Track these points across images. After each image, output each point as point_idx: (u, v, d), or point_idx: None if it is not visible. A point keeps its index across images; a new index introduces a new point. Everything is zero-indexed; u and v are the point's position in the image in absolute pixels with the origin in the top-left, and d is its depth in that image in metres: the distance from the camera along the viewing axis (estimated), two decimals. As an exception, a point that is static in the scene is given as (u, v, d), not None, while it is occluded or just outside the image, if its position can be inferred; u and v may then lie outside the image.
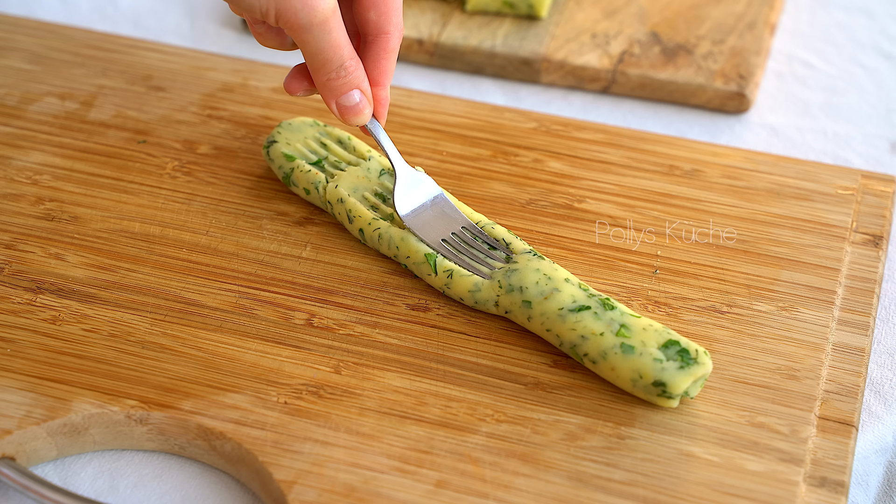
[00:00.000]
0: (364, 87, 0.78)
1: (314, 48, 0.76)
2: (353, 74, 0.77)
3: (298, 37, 0.75)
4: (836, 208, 0.86)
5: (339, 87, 0.78)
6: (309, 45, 0.76)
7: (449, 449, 0.73)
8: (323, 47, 0.75)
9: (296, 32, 0.75)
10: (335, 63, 0.76)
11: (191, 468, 0.75)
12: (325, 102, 0.79)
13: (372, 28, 0.79)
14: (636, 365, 0.74)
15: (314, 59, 0.76)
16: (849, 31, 1.06)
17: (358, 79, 0.78)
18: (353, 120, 0.79)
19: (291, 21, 0.74)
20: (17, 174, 0.88)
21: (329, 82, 0.77)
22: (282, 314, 0.80)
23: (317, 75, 0.77)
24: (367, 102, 0.79)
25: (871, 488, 0.81)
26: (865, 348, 0.79)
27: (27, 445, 0.74)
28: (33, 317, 0.79)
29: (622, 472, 0.72)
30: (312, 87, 0.80)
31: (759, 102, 1.00)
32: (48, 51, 0.98)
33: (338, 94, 0.78)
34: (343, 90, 0.78)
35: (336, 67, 0.77)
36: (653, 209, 0.86)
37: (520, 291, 0.77)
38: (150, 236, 0.84)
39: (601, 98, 1.00)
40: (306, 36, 0.75)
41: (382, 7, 0.78)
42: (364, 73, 0.78)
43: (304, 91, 0.80)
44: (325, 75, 0.77)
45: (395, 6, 0.79)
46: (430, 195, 0.82)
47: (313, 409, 0.75)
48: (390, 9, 0.78)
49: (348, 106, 0.78)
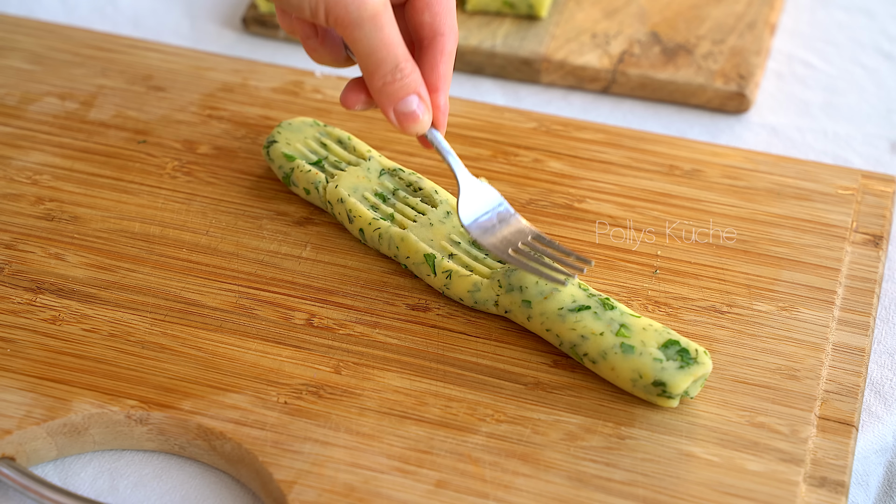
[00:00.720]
0: (422, 93, 0.75)
1: (367, 47, 0.73)
2: (410, 77, 0.74)
3: (349, 34, 0.72)
4: (836, 208, 0.86)
5: (395, 92, 0.74)
6: (361, 44, 0.73)
7: (449, 449, 0.73)
8: (376, 45, 0.73)
9: (346, 29, 0.72)
10: (390, 63, 0.73)
11: (191, 468, 0.75)
12: (383, 111, 0.75)
13: (427, 31, 0.76)
14: (636, 365, 0.74)
15: (368, 59, 0.73)
16: (849, 31, 1.06)
17: (415, 82, 0.75)
18: (411, 128, 0.76)
19: (342, 17, 0.71)
20: (17, 174, 0.88)
21: (385, 87, 0.74)
22: (282, 314, 0.80)
23: (372, 79, 0.74)
24: (425, 109, 0.75)
25: (871, 488, 0.81)
26: (865, 348, 0.79)
27: (27, 445, 0.74)
28: (33, 317, 0.79)
29: (622, 472, 0.72)
30: (369, 99, 0.77)
31: (759, 102, 1.00)
32: (48, 51, 0.97)
33: (395, 100, 0.75)
34: (400, 95, 0.74)
35: (391, 69, 0.73)
36: (653, 209, 0.86)
37: (519, 291, 0.77)
38: (150, 236, 0.84)
39: (601, 98, 1.00)
40: (358, 33, 0.72)
41: (436, 8, 0.76)
42: (421, 78, 0.75)
43: (362, 104, 0.77)
44: (380, 78, 0.74)
45: (450, 7, 0.76)
46: (495, 206, 0.79)
47: (313, 409, 0.75)
48: (444, 9, 0.76)
49: (406, 112, 0.75)
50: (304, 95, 0.94)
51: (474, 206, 0.78)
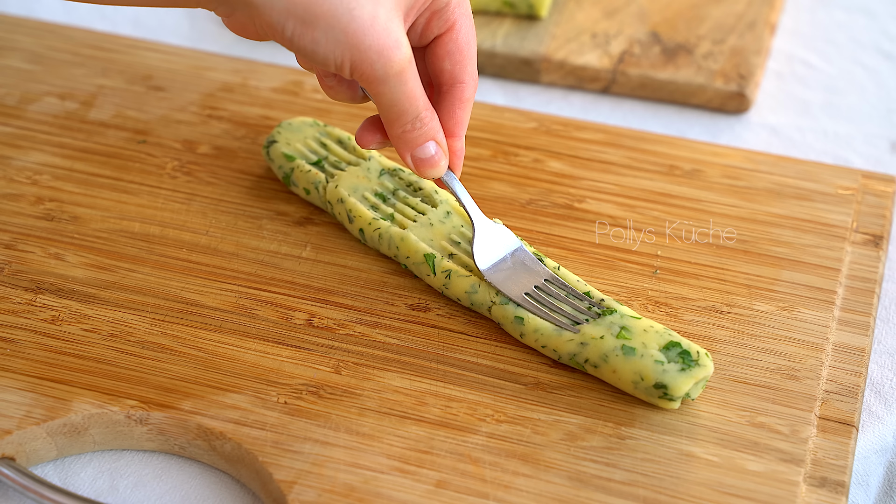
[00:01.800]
0: (440, 139, 0.76)
1: (390, 100, 0.73)
2: (429, 126, 0.75)
3: (374, 89, 0.72)
4: (836, 208, 0.86)
5: (414, 140, 0.75)
6: (384, 98, 0.73)
7: (449, 449, 0.73)
8: (399, 98, 0.73)
9: (371, 84, 0.72)
10: (411, 114, 0.74)
11: (191, 468, 0.75)
12: (400, 155, 0.76)
13: (447, 78, 0.77)
14: (637, 367, 0.74)
15: (389, 111, 0.74)
16: (849, 31, 1.06)
17: (433, 130, 0.75)
18: (428, 173, 0.76)
19: (367, 73, 0.71)
20: (17, 174, 0.88)
21: (404, 134, 0.75)
22: (282, 314, 0.80)
23: (391, 127, 0.75)
24: (442, 154, 0.76)
25: (871, 488, 0.81)
26: (866, 348, 0.79)
27: (27, 445, 0.74)
28: (33, 317, 0.79)
29: (622, 472, 0.72)
30: (385, 140, 0.77)
31: (760, 102, 1.00)
32: (48, 51, 0.97)
33: (413, 147, 0.75)
34: (419, 142, 0.75)
35: (412, 119, 0.74)
36: (653, 209, 0.86)
37: (514, 306, 0.77)
38: (150, 236, 0.84)
39: (601, 98, 1.00)
40: (382, 88, 0.72)
41: (457, 56, 0.76)
42: (439, 125, 0.76)
43: (377, 144, 0.78)
44: (400, 127, 0.75)
45: (470, 55, 0.76)
46: (510, 248, 0.80)
47: (313, 409, 0.74)
48: (465, 58, 0.76)
49: (424, 158, 0.76)
50: (304, 95, 0.94)
51: (489, 249, 0.79)
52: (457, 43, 0.76)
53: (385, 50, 0.70)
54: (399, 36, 0.71)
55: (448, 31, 0.76)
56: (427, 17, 0.75)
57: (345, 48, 0.70)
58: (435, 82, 0.78)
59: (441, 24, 0.75)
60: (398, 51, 0.71)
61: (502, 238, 0.80)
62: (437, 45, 0.76)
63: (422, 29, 0.76)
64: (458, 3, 0.75)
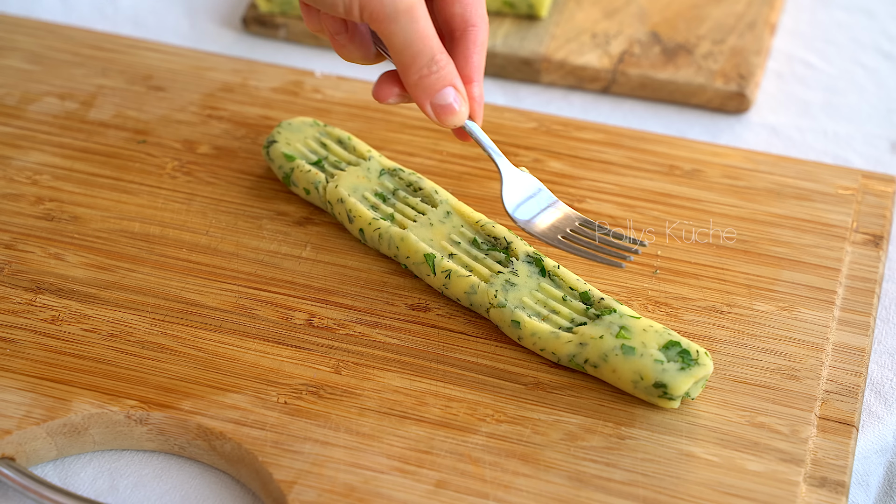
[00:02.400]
0: (458, 84, 0.75)
1: (402, 40, 0.72)
2: (446, 69, 0.74)
3: (384, 28, 0.71)
4: (836, 208, 0.86)
5: (432, 84, 0.74)
6: (397, 38, 0.72)
7: (449, 449, 0.73)
8: (412, 38, 0.72)
9: (381, 23, 0.71)
10: (426, 55, 0.73)
11: (191, 468, 0.75)
12: (419, 105, 0.75)
13: (458, 22, 0.76)
14: (637, 366, 0.74)
15: (403, 53, 0.73)
16: (849, 31, 1.06)
17: (451, 74, 0.74)
18: (449, 120, 0.75)
19: (377, 11, 0.71)
20: (17, 174, 0.88)
21: (421, 80, 0.73)
22: (282, 314, 0.80)
23: (407, 73, 0.74)
24: (462, 100, 0.75)
25: (871, 488, 0.81)
26: (866, 348, 0.79)
27: (27, 445, 0.74)
28: (33, 317, 0.79)
29: (622, 472, 0.72)
30: (403, 93, 0.76)
31: (760, 102, 1.00)
32: (48, 51, 0.98)
33: (431, 93, 0.74)
34: (437, 87, 0.74)
35: (427, 61, 0.73)
36: (653, 209, 0.86)
37: (511, 309, 0.77)
38: (150, 236, 0.84)
39: (601, 98, 1.00)
40: (393, 27, 0.71)
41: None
42: (455, 70, 0.74)
43: (396, 97, 0.76)
44: (416, 72, 0.73)
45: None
46: (536, 192, 0.79)
47: (313, 409, 0.74)
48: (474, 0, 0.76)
49: (444, 105, 0.74)
50: (304, 95, 0.94)
51: (517, 194, 0.79)
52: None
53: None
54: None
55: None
56: None
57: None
58: (447, 30, 0.77)
59: None
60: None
61: (528, 185, 0.79)
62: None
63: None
64: None
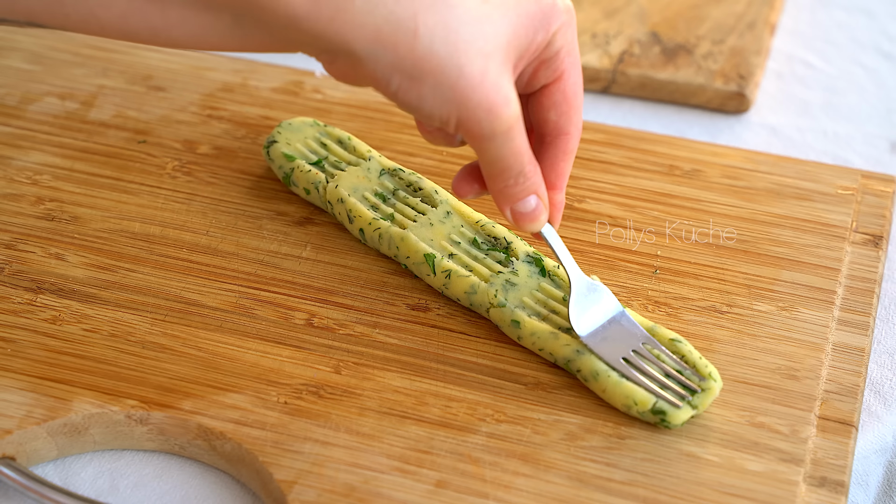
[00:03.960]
0: (541, 193, 0.73)
1: (494, 156, 0.70)
2: (532, 180, 0.72)
3: (479, 145, 0.69)
4: (836, 208, 0.86)
5: (516, 195, 0.72)
6: (489, 154, 0.70)
7: (449, 449, 0.73)
8: (504, 155, 0.70)
9: (477, 141, 0.69)
10: (515, 170, 0.71)
11: (191, 468, 0.75)
12: (499, 208, 0.73)
13: (551, 129, 0.73)
14: (629, 391, 0.73)
15: (492, 166, 0.71)
16: (849, 31, 1.06)
17: (536, 184, 0.72)
18: (528, 227, 0.73)
19: (474, 130, 0.68)
20: (17, 174, 0.88)
21: (506, 189, 0.72)
22: (282, 314, 0.80)
23: (493, 182, 0.72)
24: (543, 208, 0.73)
25: (871, 488, 0.81)
26: (865, 348, 0.79)
27: (27, 445, 0.74)
28: (33, 317, 0.79)
29: (622, 472, 0.72)
30: (483, 189, 0.75)
31: (759, 102, 1.00)
32: (48, 51, 0.98)
33: (514, 201, 0.72)
34: (520, 197, 0.72)
35: (516, 174, 0.71)
36: (653, 209, 0.86)
37: (511, 309, 0.77)
38: (150, 236, 0.84)
39: (601, 98, 1.00)
40: (489, 145, 0.69)
41: (564, 107, 0.73)
42: (541, 178, 0.73)
43: (475, 194, 0.75)
44: (502, 182, 0.71)
45: (577, 105, 0.73)
46: (608, 309, 0.76)
47: (313, 409, 0.75)
48: (572, 108, 0.73)
49: (524, 213, 0.73)
50: (304, 95, 0.94)
51: (586, 310, 0.76)
52: (564, 93, 0.73)
53: (494, 107, 0.67)
54: (508, 92, 0.68)
55: (556, 81, 0.72)
56: (535, 66, 0.72)
57: (452, 105, 0.67)
58: (538, 131, 0.74)
59: (549, 73, 0.72)
60: (507, 108, 0.68)
61: (599, 298, 0.76)
62: (544, 95, 0.73)
63: (528, 77, 0.72)
64: (568, 53, 0.72)
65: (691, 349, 0.75)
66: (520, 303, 0.78)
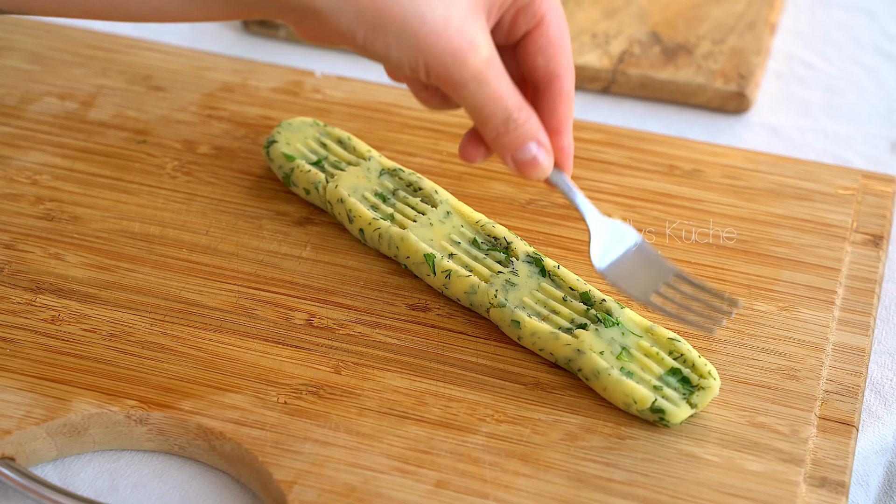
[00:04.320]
0: (540, 138, 0.72)
1: (473, 103, 0.70)
2: (525, 126, 0.71)
3: (455, 93, 0.70)
4: (836, 208, 0.86)
5: (511, 142, 0.72)
6: (467, 101, 0.70)
7: (449, 449, 0.73)
8: (483, 101, 0.70)
9: (450, 88, 0.70)
10: (499, 116, 0.71)
11: (191, 468, 0.75)
12: (502, 160, 0.73)
13: (542, 75, 0.73)
14: (629, 389, 0.73)
15: (476, 114, 0.71)
16: (849, 31, 1.06)
17: (531, 130, 0.72)
18: (531, 174, 0.73)
19: (444, 77, 0.69)
20: (17, 174, 0.88)
21: (498, 138, 0.71)
22: (282, 314, 0.80)
23: (484, 132, 0.72)
24: (545, 154, 0.72)
25: (871, 488, 0.81)
26: (866, 348, 0.79)
27: (27, 445, 0.74)
28: (33, 317, 0.79)
29: (622, 472, 0.72)
30: (490, 152, 0.74)
31: (760, 102, 1.00)
32: (48, 51, 0.97)
33: (511, 149, 0.72)
34: (516, 144, 0.72)
35: (502, 120, 0.71)
36: (653, 209, 0.86)
37: (511, 309, 0.77)
38: (150, 236, 0.84)
39: (601, 98, 1.00)
40: (463, 91, 0.69)
41: (550, 51, 0.72)
42: (538, 123, 0.72)
43: (482, 156, 0.74)
44: (491, 130, 0.71)
45: (564, 47, 0.73)
46: (629, 245, 0.75)
47: (313, 409, 0.74)
48: (559, 51, 0.73)
49: (525, 160, 0.72)
50: (304, 95, 0.94)
51: (606, 248, 0.75)
52: (548, 37, 0.73)
53: (459, 53, 0.68)
54: (474, 36, 0.68)
55: (538, 26, 0.72)
56: (513, 13, 0.72)
57: (417, 53, 0.68)
58: (531, 80, 0.74)
59: (529, 19, 0.72)
60: (473, 53, 0.68)
61: (620, 236, 0.76)
62: (528, 42, 0.73)
63: (508, 26, 0.73)
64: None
65: (689, 348, 0.75)
66: (520, 303, 0.78)
